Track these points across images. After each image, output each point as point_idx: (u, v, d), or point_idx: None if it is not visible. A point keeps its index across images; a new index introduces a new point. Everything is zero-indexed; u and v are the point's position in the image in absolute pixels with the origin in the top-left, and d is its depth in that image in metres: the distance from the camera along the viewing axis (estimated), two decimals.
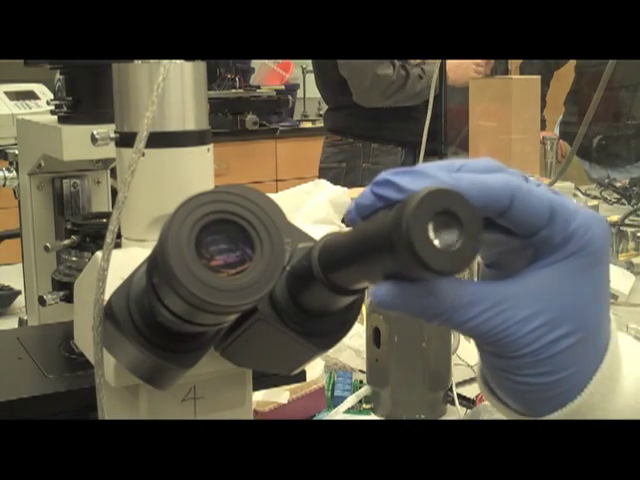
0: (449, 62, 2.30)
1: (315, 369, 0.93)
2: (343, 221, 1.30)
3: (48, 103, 0.90)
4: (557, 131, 2.98)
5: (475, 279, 0.76)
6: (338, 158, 2.42)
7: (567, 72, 2.98)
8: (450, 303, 0.38)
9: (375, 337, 0.92)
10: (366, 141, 2.37)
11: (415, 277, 0.38)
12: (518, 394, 0.41)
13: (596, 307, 0.40)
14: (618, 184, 2.11)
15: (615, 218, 1.61)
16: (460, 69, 2.24)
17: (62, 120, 0.85)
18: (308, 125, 4.06)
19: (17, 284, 1.22)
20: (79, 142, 0.80)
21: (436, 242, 0.34)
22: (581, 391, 0.40)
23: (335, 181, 1.55)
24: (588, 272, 0.39)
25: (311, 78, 2.57)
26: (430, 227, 0.34)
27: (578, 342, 0.39)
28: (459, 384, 0.98)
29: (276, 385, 0.75)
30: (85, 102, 0.84)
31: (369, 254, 0.37)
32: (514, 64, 1.98)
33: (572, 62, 2.97)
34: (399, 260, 0.35)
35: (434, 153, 1.44)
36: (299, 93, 4.14)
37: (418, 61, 2.29)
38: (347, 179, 2.31)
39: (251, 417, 0.59)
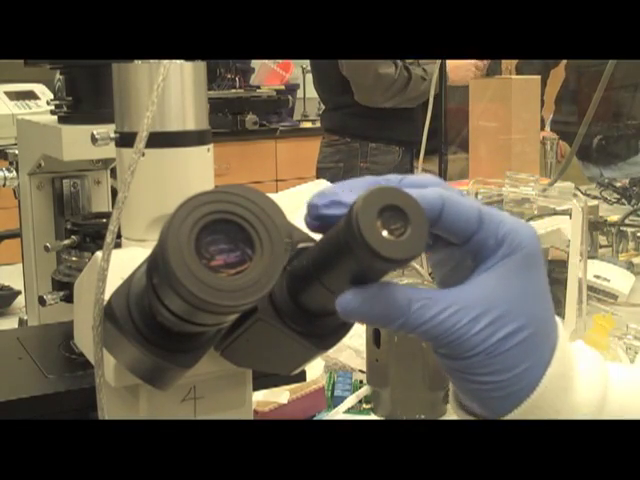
0: (449, 63, 2.29)
1: (315, 369, 0.93)
2: None
3: (48, 103, 0.89)
4: (548, 129, 2.97)
5: None
6: (335, 158, 2.42)
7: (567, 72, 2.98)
8: (406, 306, 0.40)
9: (375, 337, 0.92)
10: (364, 141, 2.37)
11: (372, 274, 0.40)
12: (477, 394, 0.42)
13: (540, 305, 0.42)
14: (618, 184, 2.11)
15: (615, 218, 1.60)
16: (461, 70, 2.24)
17: (62, 120, 0.85)
18: (308, 125, 4.06)
19: (17, 284, 1.22)
20: (79, 142, 0.80)
21: (385, 233, 0.38)
22: (536, 387, 0.41)
23: (333, 181, 1.55)
24: (525, 272, 0.42)
25: (311, 78, 2.57)
26: (379, 222, 0.38)
27: (528, 338, 0.41)
28: None
29: (276, 385, 0.75)
30: (85, 102, 0.84)
31: (332, 259, 0.40)
32: (508, 64, 1.98)
33: (564, 61, 2.96)
34: (355, 256, 0.38)
35: (433, 152, 1.44)
36: (299, 93, 4.14)
37: (412, 61, 2.29)
38: (345, 179, 2.30)
39: (251, 417, 0.59)
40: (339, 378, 0.99)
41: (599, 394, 0.43)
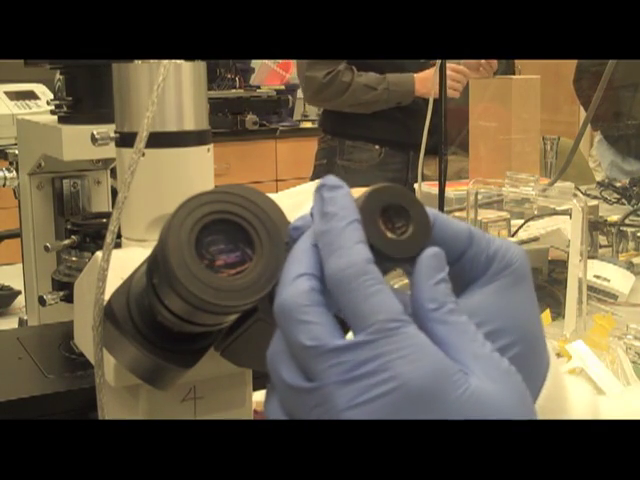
0: (416, 75, 2.27)
1: None
2: None
3: (48, 103, 0.90)
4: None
5: None
6: (321, 155, 2.45)
7: (568, 72, 2.97)
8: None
9: None
10: (341, 138, 2.38)
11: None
12: None
13: (531, 322, 0.42)
14: (618, 184, 2.11)
15: (615, 218, 1.60)
16: (428, 83, 2.20)
17: (62, 120, 0.85)
18: (308, 125, 4.06)
19: (17, 284, 1.22)
20: (79, 142, 0.80)
21: (387, 233, 0.38)
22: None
23: (318, 178, 1.56)
24: (516, 290, 0.41)
25: None
26: (381, 221, 0.38)
27: (519, 354, 0.40)
28: None
29: None
30: (85, 102, 0.84)
31: None
32: (518, 63, 1.98)
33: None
34: None
35: (432, 152, 1.44)
36: (299, 93, 4.13)
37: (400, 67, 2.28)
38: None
39: (251, 417, 0.59)
40: None
41: (592, 410, 0.43)
